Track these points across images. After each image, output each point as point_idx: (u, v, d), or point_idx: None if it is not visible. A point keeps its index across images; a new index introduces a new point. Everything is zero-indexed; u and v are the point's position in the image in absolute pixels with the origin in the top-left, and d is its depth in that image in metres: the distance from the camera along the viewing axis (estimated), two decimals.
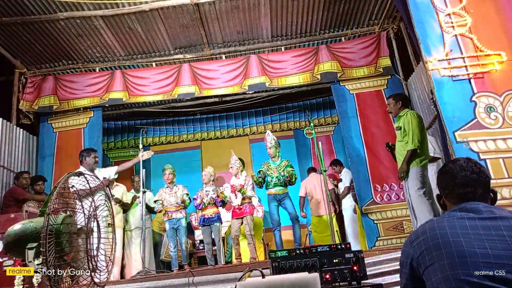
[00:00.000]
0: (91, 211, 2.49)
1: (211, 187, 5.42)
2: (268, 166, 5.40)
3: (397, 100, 4.14)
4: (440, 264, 1.21)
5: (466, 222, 1.28)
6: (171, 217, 5.23)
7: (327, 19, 6.20)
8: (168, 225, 5.26)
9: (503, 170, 3.36)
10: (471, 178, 1.40)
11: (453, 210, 1.38)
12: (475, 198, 1.38)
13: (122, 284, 3.70)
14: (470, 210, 1.33)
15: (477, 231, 1.24)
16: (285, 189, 5.31)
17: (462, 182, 1.40)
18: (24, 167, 5.95)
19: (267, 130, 6.02)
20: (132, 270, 5.33)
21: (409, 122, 3.84)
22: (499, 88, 3.60)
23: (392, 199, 5.65)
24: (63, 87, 6.42)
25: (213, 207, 5.33)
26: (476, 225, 1.26)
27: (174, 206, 5.27)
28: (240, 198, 5.17)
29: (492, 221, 1.27)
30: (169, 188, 5.42)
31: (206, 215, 5.31)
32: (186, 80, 6.36)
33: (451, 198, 1.44)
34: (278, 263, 2.15)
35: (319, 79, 6.26)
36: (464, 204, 1.37)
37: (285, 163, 5.38)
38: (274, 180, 5.27)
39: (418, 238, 1.33)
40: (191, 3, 5.41)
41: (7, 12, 5.34)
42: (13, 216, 4.01)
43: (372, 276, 3.10)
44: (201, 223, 5.36)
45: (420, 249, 1.30)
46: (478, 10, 3.86)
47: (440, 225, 1.30)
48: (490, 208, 1.33)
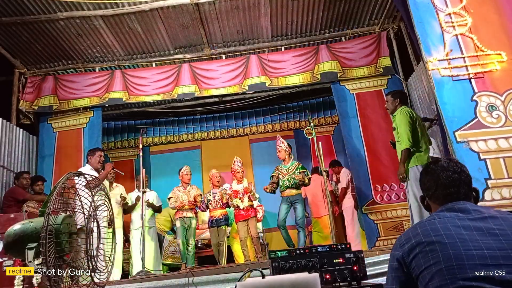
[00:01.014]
0: (91, 211, 2.49)
1: (218, 189, 5.62)
2: (279, 170, 5.48)
3: (395, 97, 4.09)
4: (437, 268, 1.19)
5: (458, 223, 1.26)
6: (182, 216, 5.37)
7: (327, 19, 6.20)
8: (179, 223, 5.37)
9: (503, 170, 3.36)
10: (453, 178, 1.41)
11: (440, 210, 1.37)
12: (459, 197, 1.38)
13: (122, 284, 3.70)
14: (459, 210, 1.32)
15: (471, 232, 1.23)
16: (298, 191, 5.36)
17: (446, 182, 1.41)
18: (24, 167, 5.94)
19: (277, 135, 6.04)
20: (133, 270, 5.33)
21: (400, 122, 3.79)
22: (500, 88, 3.60)
23: (392, 199, 5.65)
24: (63, 87, 6.42)
25: (221, 209, 5.53)
26: (469, 225, 1.25)
27: (187, 205, 5.40)
28: (247, 201, 5.28)
29: (483, 221, 1.26)
30: (183, 187, 5.57)
31: (214, 217, 5.48)
32: (186, 80, 6.35)
33: (436, 199, 1.43)
34: (278, 263, 2.15)
35: (319, 79, 6.25)
36: (451, 204, 1.36)
37: (296, 165, 5.43)
38: (285, 182, 5.33)
39: (410, 240, 1.30)
40: (191, 3, 5.40)
41: (7, 12, 5.34)
42: (13, 216, 4.00)
43: (372, 276, 3.10)
44: (210, 225, 5.53)
45: (413, 252, 1.26)
46: (478, 10, 3.85)
47: (433, 227, 1.27)
48: (478, 207, 1.33)
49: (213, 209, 5.53)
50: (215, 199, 5.53)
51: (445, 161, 1.47)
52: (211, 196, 5.61)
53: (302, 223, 5.27)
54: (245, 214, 5.31)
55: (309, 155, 7.69)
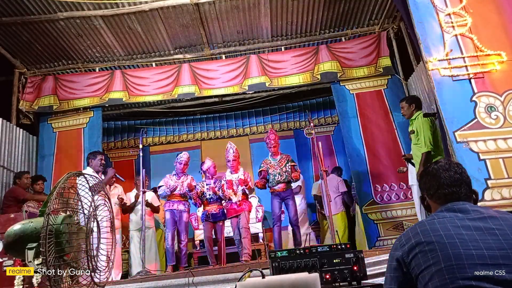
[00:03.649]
0: (91, 211, 2.49)
1: (212, 180, 5.12)
2: (268, 164, 5.15)
3: (410, 103, 4.26)
4: (437, 268, 1.19)
5: (458, 222, 1.27)
6: (172, 208, 4.96)
7: (327, 19, 6.20)
8: (168, 215, 4.93)
9: (503, 170, 3.36)
10: (455, 178, 1.42)
11: (440, 211, 1.38)
12: (460, 198, 1.39)
13: (122, 284, 3.69)
14: (458, 210, 1.33)
15: (470, 232, 1.23)
16: (289, 186, 5.08)
17: (447, 182, 1.42)
18: (24, 167, 5.95)
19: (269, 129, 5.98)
20: (132, 270, 5.33)
21: (421, 125, 3.96)
22: (500, 88, 3.60)
23: (392, 199, 5.65)
24: (63, 87, 6.42)
25: (217, 202, 5.04)
26: (468, 225, 1.25)
27: (178, 196, 4.97)
28: (240, 195, 4.93)
29: (482, 221, 1.26)
30: (176, 176, 5.12)
31: (210, 211, 4.99)
32: (186, 80, 6.35)
33: (437, 198, 1.44)
34: (278, 263, 2.15)
35: (319, 79, 6.25)
36: (451, 204, 1.37)
37: (285, 157, 5.17)
38: (277, 177, 5.02)
39: (409, 240, 1.30)
40: (191, 3, 5.40)
41: (7, 12, 5.34)
42: (13, 216, 4.00)
43: (372, 276, 3.09)
44: (203, 219, 5.02)
45: (413, 252, 1.27)
46: (478, 10, 3.85)
47: (433, 227, 1.28)
48: (477, 208, 1.34)
49: (209, 203, 4.99)
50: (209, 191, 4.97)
51: (446, 162, 1.48)
52: (205, 188, 5.05)
53: (296, 222, 5.01)
54: (238, 209, 4.90)
55: (309, 155, 7.70)
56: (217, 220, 5.01)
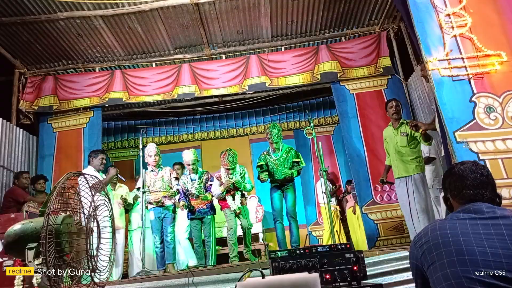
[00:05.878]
0: (91, 211, 2.49)
1: (197, 175, 4.82)
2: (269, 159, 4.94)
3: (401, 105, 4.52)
4: (440, 263, 1.24)
5: (467, 222, 1.30)
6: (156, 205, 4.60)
7: (327, 19, 6.20)
8: (153, 214, 4.58)
9: (502, 171, 3.36)
10: (481, 180, 1.42)
11: (457, 211, 1.40)
12: (483, 200, 1.39)
13: (122, 284, 3.70)
14: (473, 211, 1.34)
15: (477, 230, 1.26)
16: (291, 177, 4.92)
17: (473, 183, 1.41)
18: (24, 167, 5.95)
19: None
20: (133, 270, 5.33)
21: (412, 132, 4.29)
22: (499, 89, 3.59)
23: (392, 199, 5.65)
24: (63, 87, 6.42)
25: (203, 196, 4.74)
26: (477, 224, 1.28)
27: (160, 192, 4.62)
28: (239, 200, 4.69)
29: (493, 220, 1.28)
30: (154, 172, 4.73)
31: (196, 207, 4.69)
32: (186, 80, 6.36)
33: (460, 199, 1.43)
34: (278, 263, 2.15)
35: (319, 79, 6.25)
36: (469, 205, 1.38)
37: (287, 150, 4.96)
38: (281, 175, 4.85)
39: (421, 239, 1.37)
40: (191, 3, 5.41)
41: (7, 12, 5.34)
42: (13, 216, 4.01)
43: (372, 276, 3.10)
44: (189, 217, 4.77)
45: (422, 250, 1.34)
46: (478, 10, 3.85)
47: (441, 226, 1.33)
48: (493, 208, 1.34)
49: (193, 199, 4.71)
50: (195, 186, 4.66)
51: (472, 163, 1.48)
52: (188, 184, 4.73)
53: (293, 213, 4.82)
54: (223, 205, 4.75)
55: (309, 155, 7.69)
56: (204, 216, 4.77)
